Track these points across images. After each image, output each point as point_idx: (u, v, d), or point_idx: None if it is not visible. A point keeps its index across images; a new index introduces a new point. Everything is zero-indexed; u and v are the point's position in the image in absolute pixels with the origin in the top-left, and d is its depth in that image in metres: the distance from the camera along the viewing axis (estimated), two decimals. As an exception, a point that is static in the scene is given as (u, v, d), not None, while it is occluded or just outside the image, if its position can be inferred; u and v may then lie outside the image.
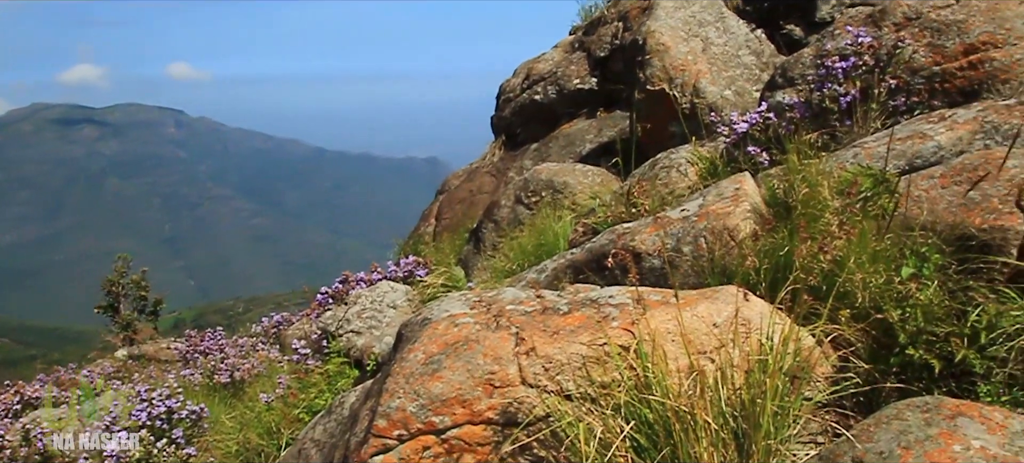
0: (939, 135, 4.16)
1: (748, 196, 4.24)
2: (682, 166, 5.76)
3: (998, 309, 3.27)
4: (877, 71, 4.86)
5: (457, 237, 10.37)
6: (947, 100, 4.85)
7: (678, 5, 7.36)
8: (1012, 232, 3.50)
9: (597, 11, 10.84)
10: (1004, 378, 3.17)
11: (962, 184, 3.77)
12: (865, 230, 3.51)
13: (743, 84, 6.76)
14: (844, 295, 3.47)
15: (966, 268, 3.52)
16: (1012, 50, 4.75)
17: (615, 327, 3.26)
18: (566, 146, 10.11)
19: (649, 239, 4.36)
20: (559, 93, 10.56)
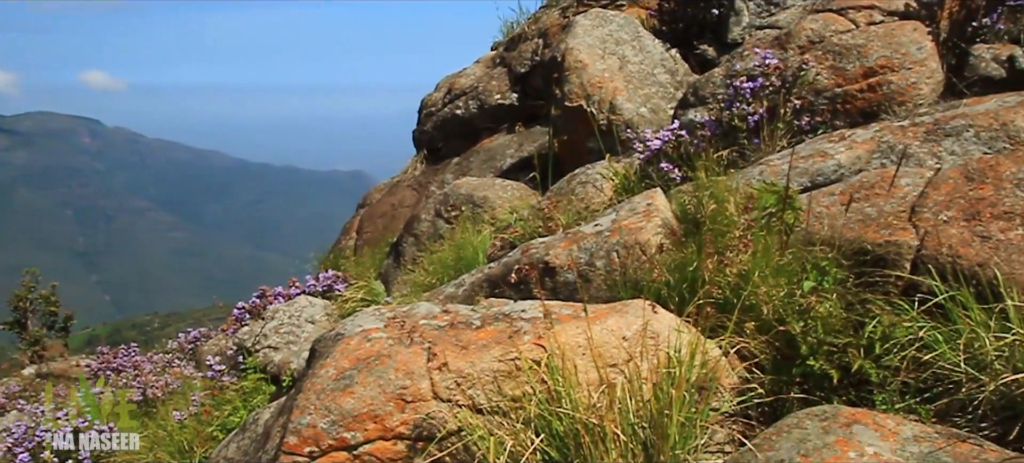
0: (839, 154, 4.33)
1: (659, 211, 4.33)
2: (598, 182, 5.85)
3: (892, 320, 3.41)
4: (783, 91, 5.03)
5: (378, 251, 10.31)
6: (849, 120, 5.05)
7: (596, 23, 7.49)
8: (905, 247, 3.65)
9: (518, 27, 10.94)
10: (898, 386, 3.30)
11: (860, 201, 3.93)
12: (769, 245, 3.63)
13: (658, 102, 6.90)
14: (749, 308, 3.57)
15: (864, 281, 3.66)
16: (907, 74, 4.98)
17: (526, 341, 3.30)
18: (487, 161, 10.15)
19: (563, 253, 4.42)
20: (480, 108, 10.61)
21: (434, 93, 11.99)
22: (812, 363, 3.41)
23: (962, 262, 3.50)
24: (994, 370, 3.08)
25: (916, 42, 5.08)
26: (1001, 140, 4.12)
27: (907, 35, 5.12)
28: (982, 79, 4.90)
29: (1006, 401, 3.07)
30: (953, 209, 3.71)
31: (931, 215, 3.72)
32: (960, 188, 3.78)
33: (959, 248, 3.55)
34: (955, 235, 3.61)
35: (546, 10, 10.81)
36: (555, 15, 10.17)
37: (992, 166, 3.80)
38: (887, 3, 5.39)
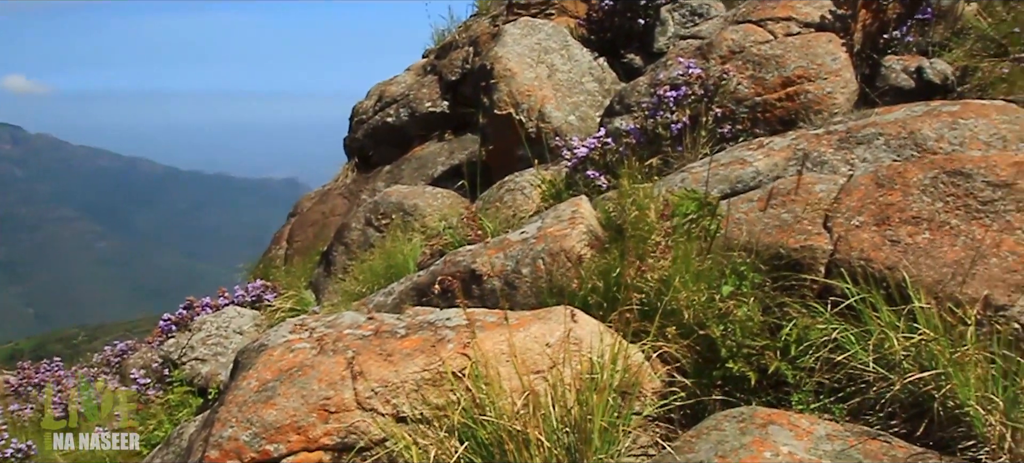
0: (757, 161, 4.45)
1: (585, 219, 4.39)
2: (526, 189, 5.89)
3: (807, 323, 3.51)
4: (705, 100, 5.15)
5: (308, 260, 10.21)
6: (768, 128, 5.19)
7: (525, 32, 7.55)
8: (820, 251, 3.77)
9: (449, 35, 10.95)
10: (813, 386, 3.41)
11: (777, 207, 4.04)
12: (689, 251, 3.71)
13: (586, 110, 6.99)
14: (671, 313, 3.64)
15: (781, 285, 3.76)
16: (823, 84, 5.14)
17: (451, 349, 3.31)
18: (418, 168, 10.14)
19: (489, 261, 4.44)
20: (411, 116, 10.59)
21: (365, 101, 11.93)
22: (731, 366, 3.49)
23: (873, 265, 3.63)
24: (902, 369, 3.19)
25: (831, 53, 5.25)
26: (909, 148, 4.28)
27: (822, 46, 5.29)
28: (893, 89, 5.09)
29: (914, 398, 3.19)
30: (864, 214, 3.83)
31: (844, 220, 3.85)
32: (871, 194, 3.92)
33: (870, 252, 3.68)
34: (866, 239, 3.73)
35: (477, 18, 10.85)
36: (485, 23, 10.22)
37: (900, 173, 3.95)
38: (804, 15, 5.56)
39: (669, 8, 6.99)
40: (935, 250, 3.64)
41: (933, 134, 4.29)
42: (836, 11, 5.53)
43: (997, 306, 3.43)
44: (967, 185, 3.80)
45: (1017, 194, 3.72)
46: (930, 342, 3.20)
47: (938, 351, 3.16)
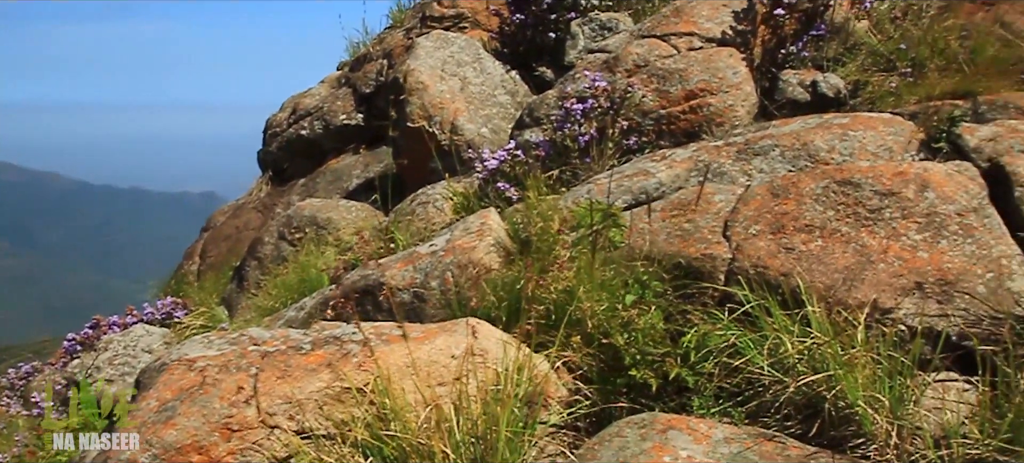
0: (660, 173, 4.56)
1: (493, 231, 4.43)
2: (438, 202, 5.91)
3: (707, 329, 3.61)
4: (611, 112, 5.25)
5: (222, 276, 10.00)
6: (673, 140, 5.32)
7: (437, 45, 7.57)
8: (719, 259, 3.88)
9: (363, 48, 10.90)
10: (714, 391, 3.51)
11: (679, 217, 4.14)
12: (592, 261, 3.77)
13: (499, 122, 7.04)
14: (575, 322, 3.70)
15: (683, 293, 3.86)
16: (725, 97, 5.31)
17: (355, 364, 3.31)
18: (333, 181, 10.05)
19: (399, 274, 4.44)
20: (326, 128, 10.49)
21: (279, 113, 11.77)
22: (635, 373, 3.57)
23: (769, 272, 3.76)
24: (796, 372, 3.31)
25: (732, 67, 5.42)
26: (803, 159, 4.45)
27: (724, 61, 5.46)
28: (790, 102, 5.28)
29: (807, 400, 3.31)
30: (761, 223, 3.97)
31: (742, 229, 3.97)
32: (767, 204, 4.05)
33: (766, 259, 3.81)
34: (763, 247, 3.86)
35: (391, 31, 10.83)
36: (399, 36, 10.21)
37: (795, 183, 4.10)
38: (705, 31, 5.73)
39: (579, 22, 7.10)
40: (827, 257, 3.79)
41: (825, 145, 4.46)
42: (736, 27, 5.71)
43: (884, 309, 3.59)
44: (856, 194, 3.96)
45: (902, 202, 3.90)
46: (822, 345, 3.33)
47: (829, 354, 3.29)
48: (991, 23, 5.51)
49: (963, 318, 3.56)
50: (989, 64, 5.11)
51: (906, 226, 3.85)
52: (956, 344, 3.52)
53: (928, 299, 3.61)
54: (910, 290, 3.64)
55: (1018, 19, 5.51)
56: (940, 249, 3.76)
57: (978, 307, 3.56)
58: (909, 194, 3.93)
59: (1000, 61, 5.13)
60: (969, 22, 5.61)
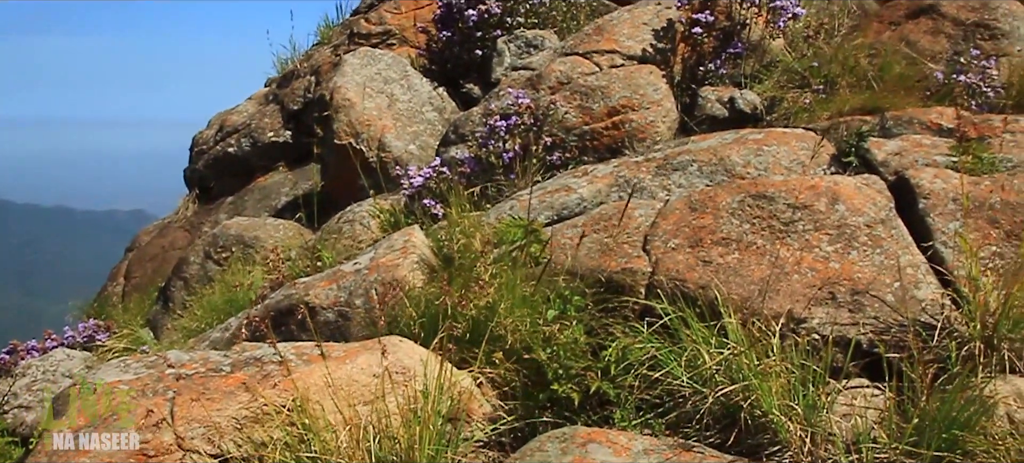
0: (582, 188, 4.63)
1: (417, 248, 4.43)
2: (365, 219, 5.89)
3: (627, 343, 3.66)
4: (535, 129, 5.31)
5: (147, 297, 9.78)
6: (596, 156, 5.41)
7: (365, 62, 7.56)
8: (640, 273, 3.95)
9: (291, 64, 10.80)
10: (635, 403, 3.56)
11: (600, 232, 4.21)
12: (514, 277, 3.80)
13: (427, 139, 7.06)
14: (497, 338, 3.72)
15: (604, 307, 3.91)
16: (646, 113, 5.42)
17: (275, 384, 3.27)
18: (261, 199, 9.91)
19: (323, 293, 4.42)
20: (253, 146, 10.36)
21: (206, 130, 11.58)
22: (557, 388, 3.60)
23: (687, 285, 3.83)
24: (714, 382, 3.38)
25: (653, 84, 5.54)
26: (720, 173, 4.56)
27: (644, 78, 5.57)
28: (709, 118, 5.41)
29: (725, 410, 3.38)
30: (679, 237, 4.05)
31: (661, 243, 4.05)
32: (685, 218, 4.14)
33: (685, 272, 3.88)
34: (681, 261, 3.94)
35: (318, 47, 10.75)
36: (327, 53, 10.14)
37: (712, 197, 4.20)
38: (627, 48, 5.84)
39: (505, 40, 7.16)
40: (743, 269, 3.88)
41: (741, 160, 4.58)
42: (657, 45, 5.84)
43: (798, 319, 3.69)
44: (771, 207, 4.07)
45: (815, 214, 4.02)
46: (738, 356, 3.40)
47: (745, 364, 3.37)
48: (897, 42, 5.73)
49: (873, 326, 3.67)
50: (896, 81, 5.32)
51: (818, 238, 3.97)
52: (866, 351, 3.63)
53: (840, 308, 3.73)
54: (823, 300, 3.75)
55: (922, 38, 5.74)
56: (851, 259, 3.88)
57: (887, 315, 3.68)
58: (821, 207, 4.05)
59: (906, 78, 5.34)
60: (877, 41, 5.83)
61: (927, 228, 4.08)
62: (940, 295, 3.75)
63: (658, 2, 6.24)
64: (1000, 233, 4.02)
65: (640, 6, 6.40)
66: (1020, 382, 3.43)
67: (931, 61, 5.51)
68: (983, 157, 4.36)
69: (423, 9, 8.97)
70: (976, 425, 3.18)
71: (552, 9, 7.65)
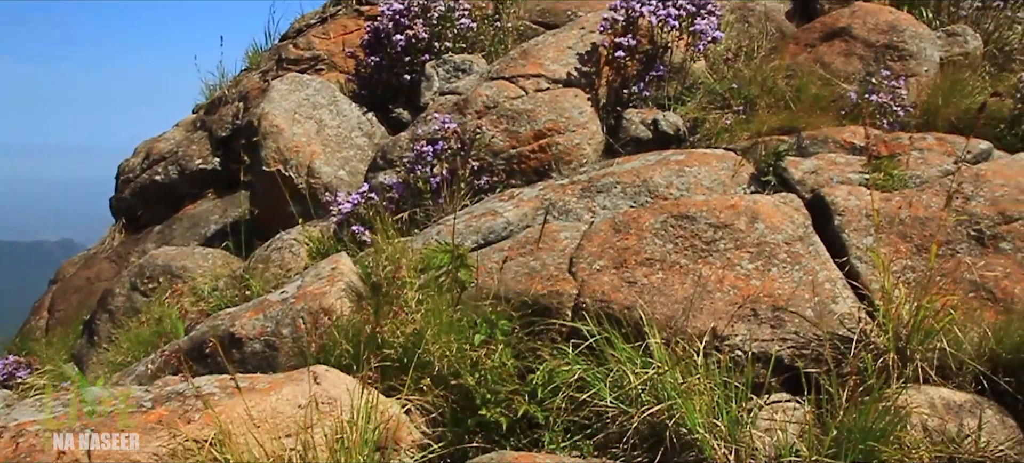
0: (508, 212, 4.66)
1: (344, 275, 4.41)
2: (294, 247, 5.84)
3: (554, 365, 3.70)
4: (462, 154, 5.34)
5: (72, 331, 9.51)
6: (524, 179, 5.45)
7: (293, 88, 7.51)
8: (566, 296, 3.98)
9: (219, 90, 10.65)
10: (563, 426, 3.58)
11: (526, 255, 4.24)
12: (440, 303, 3.81)
13: (356, 164, 7.03)
14: (425, 365, 3.72)
15: (532, 330, 3.94)
16: (572, 136, 5.48)
17: (198, 419, 3.22)
18: (190, 228, 9.74)
19: (250, 323, 4.36)
20: (181, 173, 10.17)
21: (132, 158, 11.34)
22: (485, 413, 3.61)
23: (613, 306, 3.88)
24: (640, 402, 3.43)
25: (578, 107, 5.62)
26: (643, 195, 4.63)
27: (570, 101, 5.65)
28: (633, 140, 5.50)
29: (651, 429, 3.43)
30: (604, 258, 4.10)
31: (586, 265, 4.09)
32: (609, 239, 4.20)
33: (610, 293, 3.93)
34: (607, 282, 3.99)
35: (247, 73, 10.63)
36: (255, 78, 10.04)
37: (635, 218, 4.26)
38: (552, 72, 5.92)
39: (433, 64, 7.18)
40: (667, 288, 3.95)
41: (663, 181, 4.67)
42: (581, 68, 5.92)
43: (722, 336, 3.76)
44: (693, 227, 4.16)
45: (735, 233, 4.11)
46: (663, 375, 3.46)
47: (670, 383, 3.43)
48: (813, 64, 5.91)
49: (793, 341, 3.77)
50: (812, 102, 5.48)
51: (739, 256, 4.06)
52: (788, 366, 3.71)
53: (761, 324, 3.81)
54: (745, 316, 3.83)
55: (836, 60, 5.93)
56: (771, 276, 3.98)
57: (806, 329, 3.78)
58: (741, 225, 4.15)
59: (821, 99, 5.51)
60: (794, 63, 6.00)
61: (843, 244, 4.20)
62: (856, 309, 3.86)
63: (582, 27, 6.34)
64: (911, 247, 4.16)
65: (565, 31, 6.48)
66: (933, 391, 3.56)
67: (845, 82, 5.69)
68: (894, 174, 4.52)
69: (352, 35, 8.95)
70: (891, 435, 3.29)
71: (480, 34, 7.70)
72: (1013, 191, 4.32)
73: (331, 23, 9.56)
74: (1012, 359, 3.60)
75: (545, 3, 8.10)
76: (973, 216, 4.24)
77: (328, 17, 9.70)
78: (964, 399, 3.52)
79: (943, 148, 4.75)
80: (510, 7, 8.19)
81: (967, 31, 6.19)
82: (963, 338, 3.64)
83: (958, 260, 4.12)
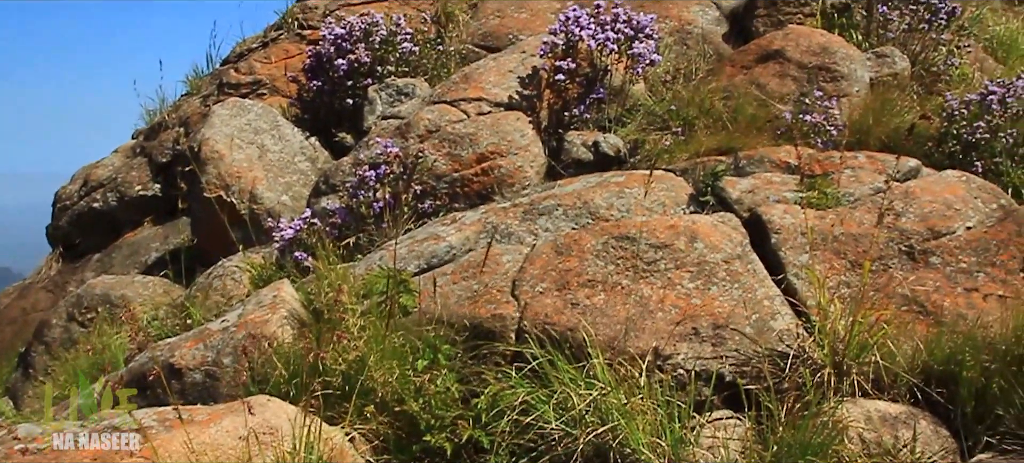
0: (450, 236, 4.67)
1: (286, 302, 4.37)
2: (236, 274, 5.77)
3: (498, 389, 3.71)
4: (405, 178, 5.35)
5: (7, 364, 9.25)
6: (467, 202, 5.48)
7: (234, 113, 7.43)
8: (509, 319, 4.00)
9: (159, 116, 10.49)
10: (508, 450, 3.59)
11: (469, 279, 4.25)
12: (382, 329, 3.80)
13: (300, 190, 6.98)
14: (368, 392, 3.70)
15: (476, 354, 3.95)
16: (514, 158, 5.53)
17: (135, 455, 3.16)
18: (131, 256, 9.55)
19: (190, 353, 4.30)
20: (120, 200, 9.98)
21: (69, 185, 11.10)
22: (429, 439, 3.61)
23: (556, 328, 3.90)
24: (585, 423, 3.45)
25: (520, 130, 5.67)
26: (585, 216, 4.68)
27: (511, 124, 5.70)
28: (575, 162, 5.56)
29: (596, 450, 3.46)
30: (547, 281, 4.13)
31: (529, 288, 4.12)
32: (552, 262, 4.23)
33: (553, 316, 3.96)
34: (549, 304, 4.02)
35: (187, 98, 10.49)
36: (196, 103, 9.91)
37: (577, 240, 4.31)
38: (493, 96, 5.96)
39: (376, 88, 7.17)
40: (609, 309, 3.99)
41: (604, 203, 4.72)
42: (522, 92, 5.98)
43: (664, 355, 3.81)
44: (633, 248, 4.21)
45: (675, 253, 4.18)
46: (606, 396, 3.49)
47: (613, 403, 3.46)
48: (749, 85, 6.04)
49: (734, 358, 3.83)
50: (748, 122, 5.60)
51: (680, 275, 4.13)
52: (729, 383, 3.78)
53: (703, 342, 3.87)
54: (686, 335, 3.89)
55: (771, 81, 6.06)
56: (711, 295, 4.05)
57: (747, 346, 3.85)
58: (681, 245, 4.22)
59: (757, 119, 5.63)
60: (731, 84, 6.12)
61: (780, 261, 4.29)
62: (794, 325, 3.95)
63: (523, 51, 6.39)
64: (845, 263, 4.26)
65: (506, 55, 6.54)
66: (869, 404, 3.65)
67: (780, 102, 5.82)
68: (827, 192, 4.63)
69: (294, 59, 8.89)
70: (829, 449, 3.36)
71: (423, 57, 7.70)
72: (941, 207, 4.46)
73: (273, 47, 9.49)
74: (943, 370, 3.71)
75: (488, 27, 8.15)
76: (904, 232, 4.37)
77: (270, 41, 9.62)
78: (899, 411, 3.61)
79: (874, 166, 4.88)
80: (453, 31, 8.22)
81: (895, 52, 6.38)
82: (897, 351, 3.74)
83: (890, 275, 4.23)
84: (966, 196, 4.55)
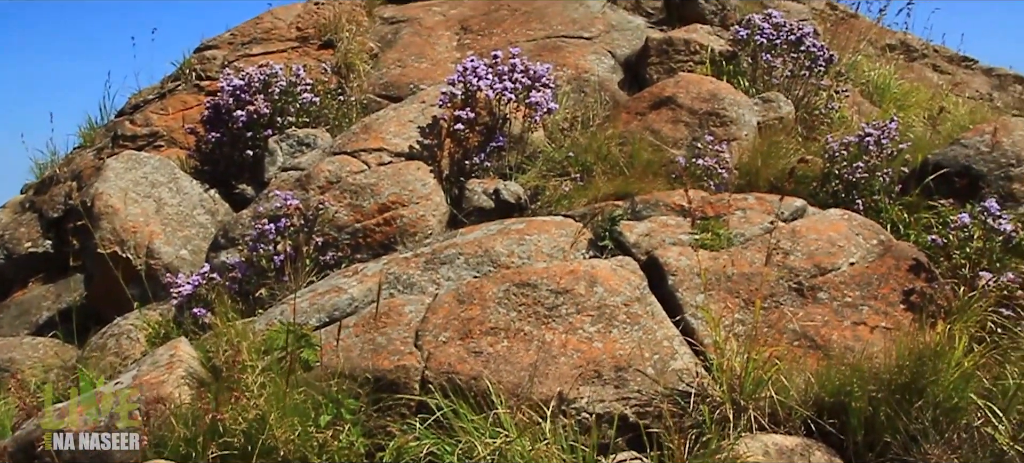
0: (352, 288, 4.65)
1: (184, 361, 4.27)
2: (132, 333, 5.60)
3: (403, 442, 3.69)
4: (306, 230, 5.30)
5: None
6: (371, 252, 5.46)
7: (129, 166, 7.25)
8: (413, 369, 4.00)
9: (50, 169, 10.14)
10: (417, 501, 3.57)
11: (372, 332, 4.23)
12: (283, 385, 3.74)
13: (199, 243, 6.83)
14: (270, 451, 3.63)
15: (380, 407, 3.92)
16: (416, 208, 5.56)
17: (20, 529, 3.03)
18: (19, 316, 9.14)
19: (81, 418, 4.14)
20: (9, 257, 9.57)
21: (-48, 245, 10.58)
22: (333, 496, 3.56)
23: (460, 377, 3.92)
24: (491, 472, 3.46)
25: (421, 179, 5.70)
26: (486, 264, 4.73)
27: (412, 173, 5.73)
28: (477, 209, 5.62)
29: (505, 500, 3.46)
30: (449, 330, 4.15)
31: (432, 338, 4.13)
32: (454, 311, 4.25)
33: (456, 365, 3.97)
34: (453, 353, 4.03)
35: (80, 151, 10.16)
36: (89, 156, 9.62)
37: (478, 289, 4.34)
38: (394, 146, 5.99)
39: (277, 139, 7.10)
40: (513, 356, 4.02)
41: (505, 250, 4.78)
42: (423, 141, 6.03)
43: (568, 400, 3.86)
44: (535, 294, 4.27)
45: (576, 298, 4.25)
46: (511, 443, 3.51)
47: (518, 451, 3.48)
48: (644, 131, 6.22)
49: (636, 399, 3.90)
50: (644, 167, 5.76)
51: (581, 320, 4.19)
52: (632, 424, 3.84)
53: (606, 385, 3.93)
54: (589, 379, 3.95)
55: (664, 127, 6.26)
56: (612, 338, 4.12)
57: (648, 387, 3.93)
58: (581, 290, 4.29)
59: (652, 164, 5.80)
60: (627, 130, 6.29)
61: (677, 302, 4.41)
62: (693, 364, 4.05)
63: (422, 101, 6.45)
64: (739, 302, 4.41)
65: (405, 105, 6.58)
66: (766, 438, 3.76)
67: (673, 147, 6.01)
68: (720, 233, 4.80)
69: (192, 110, 8.73)
70: (731, 485, 3.45)
71: (324, 107, 7.68)
72: (826, 244, 4.66)
73: (170, 98, 9.31)
74: (834, 402, 3.85)
75: (389, 76, 8.18)
76: (792, 270, 4.55)
77: (167, 93, 9.43)
78: (795, 443, 3.73)
79: (763, 207, 5.08)
80: (354, 81, 8.22)
81: (780, 97, 6.68)
82: (790, 385, 3.87)
83: (781, 311, 4.39)
84: (849, 233, 4.78)
